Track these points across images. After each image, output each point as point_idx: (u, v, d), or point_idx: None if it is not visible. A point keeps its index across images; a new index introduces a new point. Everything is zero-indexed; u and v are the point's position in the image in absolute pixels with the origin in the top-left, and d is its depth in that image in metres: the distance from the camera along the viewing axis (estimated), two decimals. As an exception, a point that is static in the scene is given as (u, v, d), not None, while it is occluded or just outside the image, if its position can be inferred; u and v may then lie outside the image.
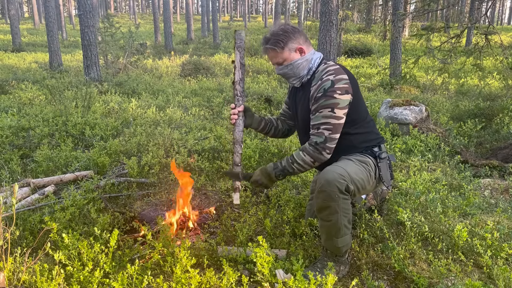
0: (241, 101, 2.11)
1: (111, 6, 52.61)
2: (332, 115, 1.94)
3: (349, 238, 2.00)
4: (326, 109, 1.95)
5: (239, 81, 2.09)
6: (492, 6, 10.18)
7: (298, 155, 2.02)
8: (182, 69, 12.10)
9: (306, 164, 2.01)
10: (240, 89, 2.10)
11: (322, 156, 1.99)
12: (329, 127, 1.95)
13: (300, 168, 2.03)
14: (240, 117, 2.12)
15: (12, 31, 19.00)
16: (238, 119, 2.12)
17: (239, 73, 2.09)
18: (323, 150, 1.97)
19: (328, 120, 1.95)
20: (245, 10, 41.29)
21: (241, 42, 2.08)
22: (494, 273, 1.93)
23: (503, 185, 3.31)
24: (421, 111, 5.19)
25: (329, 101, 1.94)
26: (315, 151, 1.98)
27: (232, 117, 2.14)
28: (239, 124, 2.12)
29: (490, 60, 10.82)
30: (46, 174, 3.61)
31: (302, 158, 2.00)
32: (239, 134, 2.10)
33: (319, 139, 1.96)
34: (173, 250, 2.02)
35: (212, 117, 6.29)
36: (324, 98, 1.95)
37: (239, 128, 2.11)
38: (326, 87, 1.95)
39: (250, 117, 2.22)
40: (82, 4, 9.40)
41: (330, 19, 7.06)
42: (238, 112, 2.12)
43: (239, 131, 2.11)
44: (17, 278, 1.85)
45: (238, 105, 2.12)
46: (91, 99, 6.24)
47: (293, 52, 2.07)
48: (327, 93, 1.94)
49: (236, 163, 2.08)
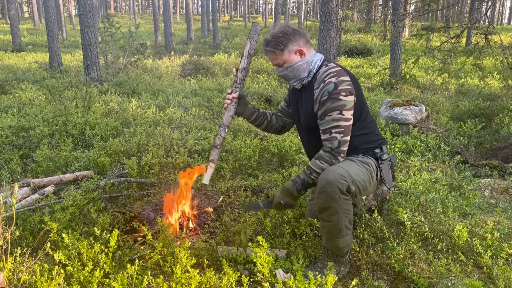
0: (238, 88, 2.14)
1: (111, 6, 52.60)
2: (341, 118, 1.95)
3: (350, 238, 2.00)
4: (335, 112, 1.95)
5: (242, 70, 2.12)
6: (492, 6, 10.19)
7: (315, 165, 2.01)
8: (182, 69, 12.10)
9: (323, 170, 2.00)
10: (241, 76, 2.13)
11: (338, 161, 1.99)
12: (340, 130, 1.96)
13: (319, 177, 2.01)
14: (233, 103, 2.15)
15: (12, 31, 18.99)
16: (231, 104, 2.15)
17: (244, 61, 2.12)
18: (338, 155, 1.98)
19: (339, 123, 1.95)
20: (245, 10, 41.30)
21: (255, 34, 2.12)
22: (494, 273, 1.93)
23: (503, 185, 3.31)
24: (421, 111, 5.19)
25: (335, 103, 1.94)
26: (331, 157, 1.98)
27: (226, 101, 2.16)
28: (230, 110, 2.14)
29: (490, 60, 10.81)
30: (46, 174, 3.61)
31: (320, 167, 2.00)
32: (227, 119, 2.13)
33: (333, 145, 1.97)
34: (173, 250, 2.02)
35: (212, 117, 6.29)
36: (330, 101, 1.95)
37: (229, 113, 2.14)
38: (330, 89, 1.95)
39: (243, 106, 2.22)
40: (82, 4, 9.39)
41: (330, 19, 7.06)
42: (232, 98, 2.14)
43: (228, 115, 2.13)
44: (17, 278, 1.85)
45: (234, 91, 2.14)
46: (91, 99, 6.23)
47: (293, 54, 2.07)
48: (332, 95, 1.94)
49: (215, 145, 2.08)
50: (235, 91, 2.14)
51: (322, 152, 2.02)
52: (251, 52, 2.13)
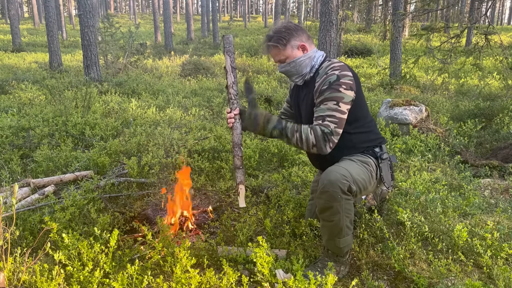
0: (236, 104, 2.05)
1: (111, 6, 52.60)
2: (337, 109, 1.92)
3: (350, 238, 2.00)
4: (332, 102, 1.93)
5: (232, 85, 2.04)
6: (492, 6, 10.18)
7: (305, 130, 1.94)
8: (182, 69, 12.10)
9: (306, 142, 1.93)
10: (234, 92, 2.05)
11: (324, 147, 1.93)
12: (334, 120, 1.92)
13: (299, 141, 1.95)
14: (237, 120, 2.05)
15: (12, 31, 18.99)
16: (235, 122, 2.05)
17: (231, 76, 2.04)
18: (327, 142, 1.92)
19: (334, 113, 1.92)
20: (245, 10, 41.29)
21: (230, 46, 2.04)
22: (494, 273, 1.93)
23: (503, 185, 3.31)
24: (421, 111, 5.19)
25: (334, 93, 1.93)
26: (322, 137, 1.91)
27: (229, 121, 2.06)
28: (236, 128, 2.05)
29: (490, 60, 10.82)
30: (46, 174, 3.61)
31: (307, 134, 1.93)
32: (238, 137, 2.05)
33: (326, 129, 1.91)
34: (173, 250, 2.02)
35: (212, 117, 6.29)
36: (330, 90, 1.93)
37: (237, 132, 2.05)
38: (332, 80, 1.94)
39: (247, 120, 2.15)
40: (82, 4, 9.40)
41: (330, 19, 7.06)
42: (234, 116, 2.05)
43: (237, 134, 2.05)
44: (17, 278, 1.85)
45: (234, 108, 2.04)
46: (91, 99, 6.24)
47: (296, 50, 2.06)
48: (332, 85, 1.93)
49: (237, 166, 2.02)
50: (234, 108, 2.04)
51: (317, 127, 1.93)
52: (233, 65, 2.05)
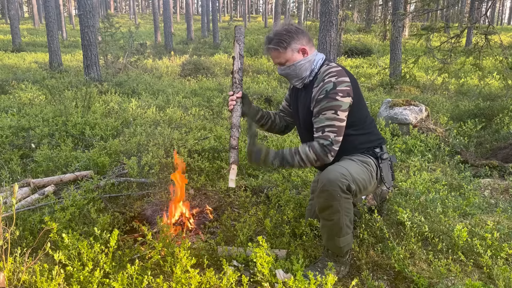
0: (239, 89, 2.14)
1: (111, 6, 52.58)
2: (336, 117, 1.94)
3: (350, 238, 2.00)
4: (330, 111, 1.94)
5: (238, 71, 2.13)
6: (492, 6, 10.19)
7: (303, 149, 1.99)
8: (182, 69, 12.10)
9: (307, 160, 1.98)
10: (238, 77, 2.14)
11: (326, 158, 1.97)
12: (334, 130, 1.94)
13: (301, 162, 1.99)
14: (238, 103, 2.13)
15: (12, 31, 18.99)
16: (236, 105, 2.13)
17: (238, 63, 2.13)
18: (328, 153, 1.96)
19: (333, 123, 1.94)
20: (245, 10, 41.28)
21: (241, 35, 2.14)
22: (494, 273, 1.93)
23: (503, 185, 3.31)
24: (421, 111, 5.19)
25: (331, 103, 1.94)
26: (321, 151, 1.95)
27: (230, 103, 2.13)
28: (237, 110, 2.12)
29: (490, 60, 10.82)
30: (46, 174, 3.61)
31: (306, 153, 1.97)
32: (237, 119, 2.11)
33: (325, 142, 1.95)
34: (173, 250, 2.02)
35: (212, 117, 6.29)
36: (326, 100, 1.94)
37: (236, 114, 2.12)
38: (328, 89, 1.95)
39: (248, 105, 2.20)
40: (82, 4, 9.39)
41: (330, 19, 7.06)
42: (236, 99, 2.12)
43: (237, 116, 2.11)
44: (17, 278, 1.85)
45: (237, 92, 2.12)
46: (91, 99, 6.23)
47: (296, 53, 2.06)
48: (329, 95, 1.94)
49: (233, 146, 2.05)
50: (237, 91, 2.13)
51: (314, 143, 1.98)
52: (241, 52, 2.13)
